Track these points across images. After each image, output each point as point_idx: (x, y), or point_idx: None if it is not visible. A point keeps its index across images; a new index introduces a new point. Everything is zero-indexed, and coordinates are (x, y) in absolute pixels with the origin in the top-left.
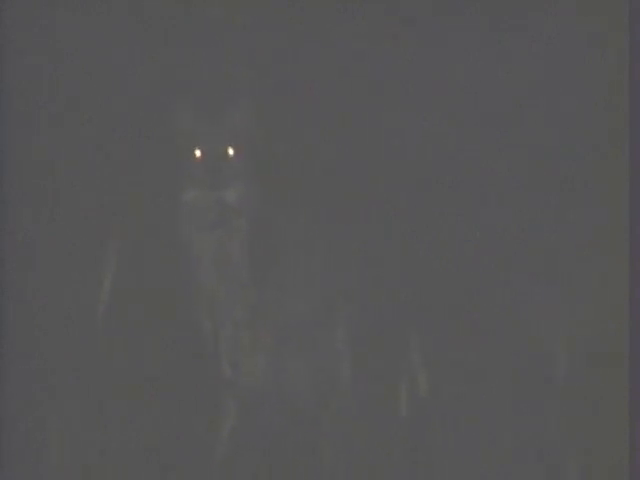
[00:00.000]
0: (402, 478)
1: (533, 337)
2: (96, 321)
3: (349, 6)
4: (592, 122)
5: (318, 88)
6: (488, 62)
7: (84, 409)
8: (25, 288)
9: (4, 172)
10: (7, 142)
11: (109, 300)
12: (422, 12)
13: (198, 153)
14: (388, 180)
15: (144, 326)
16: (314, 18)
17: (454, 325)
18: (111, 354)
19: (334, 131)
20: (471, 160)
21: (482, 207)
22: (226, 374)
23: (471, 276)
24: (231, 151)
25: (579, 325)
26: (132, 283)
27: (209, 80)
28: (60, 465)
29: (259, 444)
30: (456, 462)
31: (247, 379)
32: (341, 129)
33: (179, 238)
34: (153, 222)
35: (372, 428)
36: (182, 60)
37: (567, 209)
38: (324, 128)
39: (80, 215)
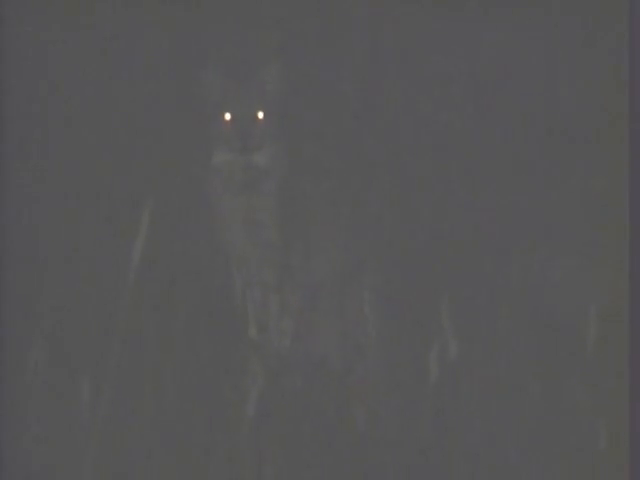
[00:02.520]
0: (430, 441)
1: (561, 303)
2: (127, 282)
3: None
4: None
5: (349, 52)
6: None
7: (114, 369)
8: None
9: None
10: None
11: (140, 262)
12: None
13: (228, 116)
14: (415, 148)
15: (174, 288)
16: None
17: (484, 290)
18: (140, 315)
19: (364, 95)
20: (497, 134)
21: (508, 179)
22: (254, 336)
23: (499, 244)
24: (261, 114)
25: (605, 292)
26: (162, 245)
27: (239, 43)
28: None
29: (286, 406)
30: (484, 426)
31: (275, 341)
32: (368, 94)
33: (209, 201)
34: (184, 185)
35: (400, 392)
36: (212, 23)
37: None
38: (354, 92)
39: (112, 178)
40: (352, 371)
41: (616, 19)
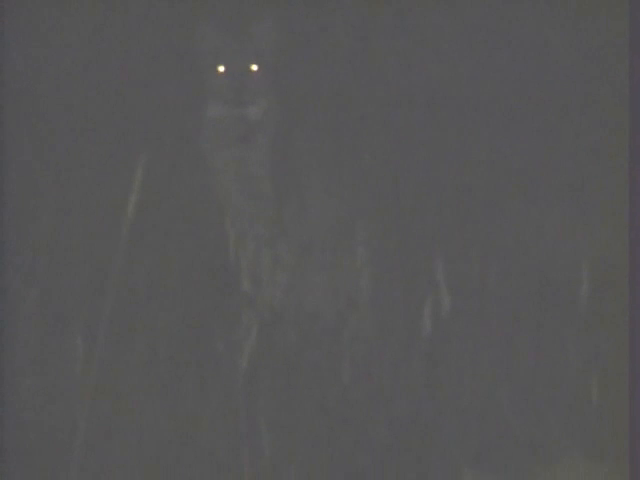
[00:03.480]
0: (422, 394)
1: (553, 259)
2: (121, 235)
3: None
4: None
5: (345, 6)
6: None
7: (107, 323)
8: (51, 203)
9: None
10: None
11: (133, 215)
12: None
13: (222, 69)
14: (408, 102)
15: (167, 241)
16: None
17: (476, 245)
18: (134, 268)
19: (358, 50)
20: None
21: (502, 134)
22: (247, 289)
23: (492, 199)
24: (255, 67)
25: (598, 247)
26: (156, 198)
27: None
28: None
29: (279, 359)
30: (476, 380)
31: (268, 294)
32: (362, 49)
33: (203, 154)
34: (178, 138)
35: (393, 346)
36: None
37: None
38: (348, 46)
39: (106, 132)
40: (345, 324)
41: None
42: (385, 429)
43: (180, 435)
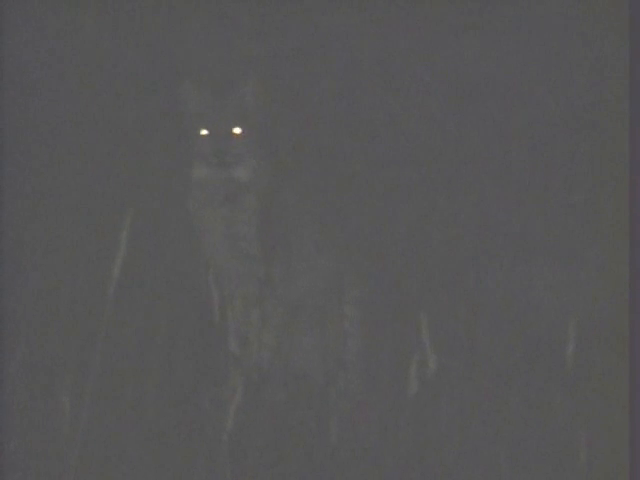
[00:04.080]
0: (409, 455)
1: (540, 318)
2: (108, 294)
3: None
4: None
5: (324, 67)
6: (491, 52)
7: (94, 382)
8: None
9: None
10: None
11: (120, 274)
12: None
13: (206, 131)
14: (396, 160)
15: (154, 300)
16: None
17: (463, 305)
18: (121, 327)
19: (341, 109)
20: (478, 146)
21: (489, 192)
22: (234, 349)
23: (479, 258)
24: (238, 129)
25: (585, 306)
26: (143, 258)
27: (216, 60)
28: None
29: (266, 419)
30: (464, 440)
31: (255, 355)
32: (348, 107)
33: (190, 214)
34: (164, 199)
35: (380, 405)
36: (191, 39)
37: (571, 194)
38: (331, 106)
39: (93, 192)
40: (332, 385)
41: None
42: None
43: None
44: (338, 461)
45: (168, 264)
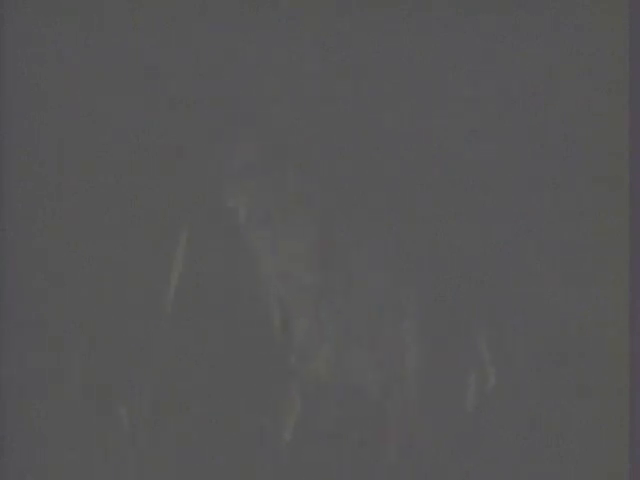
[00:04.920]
0: (467, 472)
1: (602, 335)
2: (165, 310)
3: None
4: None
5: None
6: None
7: (152, 397)
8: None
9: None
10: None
11: (177, 290)
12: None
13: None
14: (451, 179)
15: (212, 315)
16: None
17: (523, 321)
18: (178, 344)
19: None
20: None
21: (543, 208)
22: (293, 364)
23: (538, 272)
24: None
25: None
26: (200, 273)
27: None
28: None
29: (324, 435)
30: (521, 458)
31: (314, 369)
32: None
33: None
34: (219, 215)
35: (438, 423)
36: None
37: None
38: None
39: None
40: (390, 399)
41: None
42: None
43: None
44: (395, 477)
45: (225, 279)
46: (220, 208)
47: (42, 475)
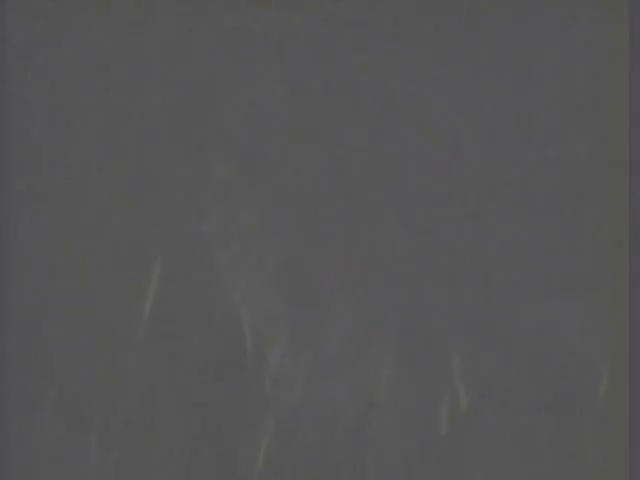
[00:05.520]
0: None
1: (575, 357)
2: (137, 337)
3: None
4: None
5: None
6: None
7: (123, 422)
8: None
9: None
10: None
11: (149, 315)
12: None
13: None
14: (419, 200)
15: (184, 340)
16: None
17: (494, 344)
18: (150, 369)
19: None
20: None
21: (517, 229)
22: (266, 390)
23: (511, 297)
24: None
25: (618, 344)
26: (172, 301)
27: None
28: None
29: (298, 459)
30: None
31: (287, 395)
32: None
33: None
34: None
35: (412, 446)
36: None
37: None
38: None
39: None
40: (364, 425)
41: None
42: None
43: None
44: None
45: (199, 305)
46: (192, 234)
47: None
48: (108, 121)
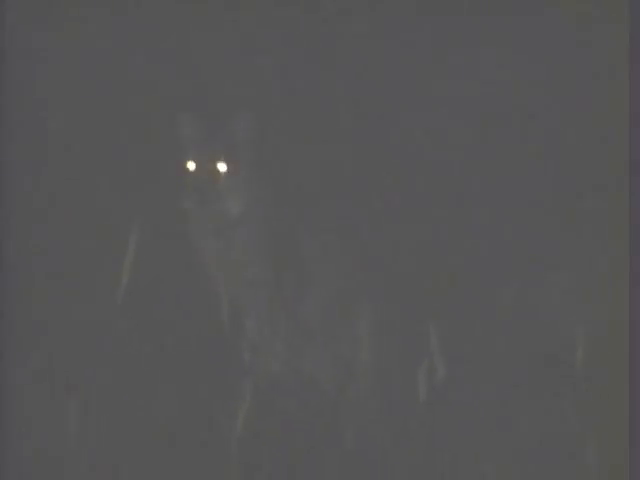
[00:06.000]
0: (420, 461)
1: (547, 323)
2: (116, 304)
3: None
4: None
5: (318, 98)
6: (491, 63)
7: (102, 390)
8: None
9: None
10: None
11: (129, 283)
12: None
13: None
14: (404, 174)
15: (163, 308)
16: (313, 28)
17: (471, 312)
18: (131, 336)
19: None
20: (489, 157)
21: (498, 203)
22: (245, 358)
23: (487, 267)
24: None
25: (590, 311)
26: (152, 268)
27: (209, 93)
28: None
29: (276, 427)
30: (473, 446)
31: (265, 363)
32: (341, 132)
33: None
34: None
35: (390, 412)
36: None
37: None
38: (324, 133)
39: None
40: (342, 392)
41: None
42: None
43: None
44: (349, 468)
45: (179, 272)
46: (174, 204)
47: None
48: (94, 93)
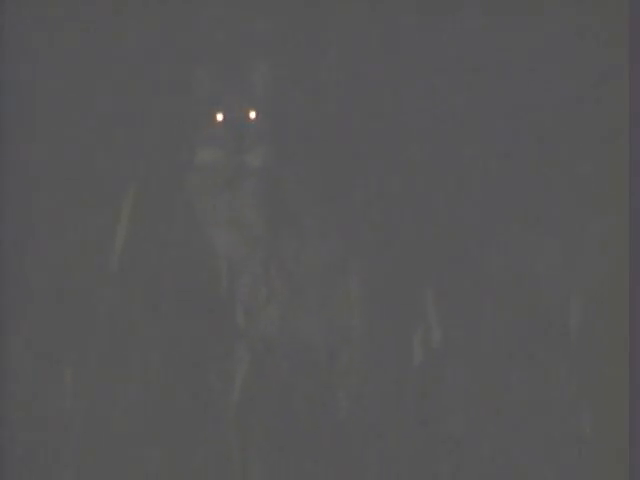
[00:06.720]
0: (414, 427)
1: (543, 290)
2: (110, 270)
3: None
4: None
5: (336, 52)
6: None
7: (98, 356)
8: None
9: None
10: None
11: (124, 248)
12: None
13: (219, 117)
14: (400, 140)
15: (158, 274)
16: None
17: (468, 276)
18: (126, 302)
19: (353, 92)
20: (481, 125)
21: (493, 169)
22: (241, 322)
23: (483, 233)
24: (252, 114)
25: (585, 277)
26: (148, 231)
27: (227, 43)
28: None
29: (271, 391)
30: (467, 411)
31: (261, 328)
32: (357, 92)
33: (197, 194)
34: (173, 178)
35: (384, 377)
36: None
37: (573, 169)
38: (343, 89)
39: (99, 173)
40: (337, 357)
41: (616, 19)
42: (376, 460)
43: (171, 465)
44: (343, 432)
45: (174, 238)
46: (171, 170)
47: None
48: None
